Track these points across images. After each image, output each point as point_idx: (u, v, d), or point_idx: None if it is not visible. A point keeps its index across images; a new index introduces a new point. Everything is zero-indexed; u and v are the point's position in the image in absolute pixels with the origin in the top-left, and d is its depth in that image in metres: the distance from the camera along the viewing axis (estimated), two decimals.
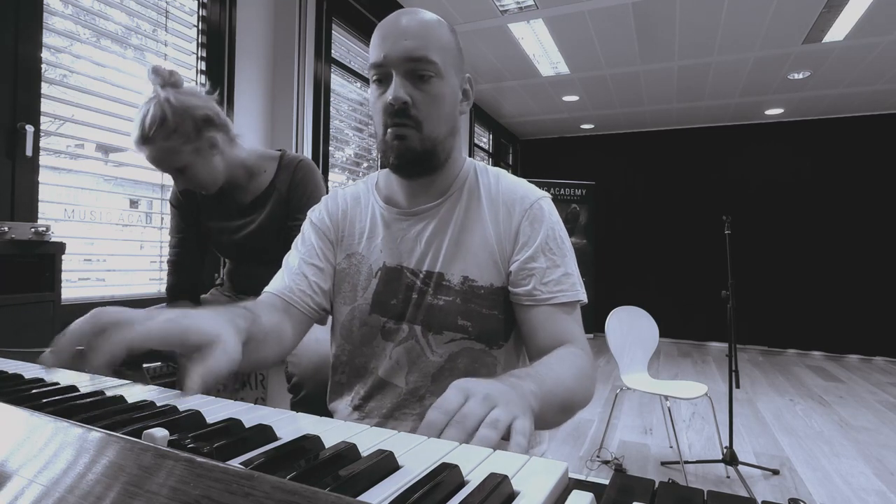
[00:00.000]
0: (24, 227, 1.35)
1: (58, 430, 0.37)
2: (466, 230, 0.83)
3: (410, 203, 0.86)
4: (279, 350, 0.78)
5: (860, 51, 3.98)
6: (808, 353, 5.70)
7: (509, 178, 0.88)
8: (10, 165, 1.57)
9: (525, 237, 0.82)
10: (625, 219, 6.59)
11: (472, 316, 0.81)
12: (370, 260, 0.86)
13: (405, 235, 0.85)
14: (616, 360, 2.71)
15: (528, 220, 0.83)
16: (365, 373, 0.86)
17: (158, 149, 1.24)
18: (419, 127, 0.77)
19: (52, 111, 1.74)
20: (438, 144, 0.79)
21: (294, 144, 2.66)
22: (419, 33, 0.75)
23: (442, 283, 0.82)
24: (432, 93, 0.76)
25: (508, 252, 0.82)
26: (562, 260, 0.82)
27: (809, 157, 5.81)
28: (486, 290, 0.81)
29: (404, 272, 0.84)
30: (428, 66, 0.75)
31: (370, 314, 0.84)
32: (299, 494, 0.27)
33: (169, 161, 1.27)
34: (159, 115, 1.22)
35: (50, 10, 1.68)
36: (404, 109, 0.75)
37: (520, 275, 0.80)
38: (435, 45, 0.76)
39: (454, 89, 0.80)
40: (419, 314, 0.82)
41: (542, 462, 0.38)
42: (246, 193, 1.45)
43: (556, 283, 0.80)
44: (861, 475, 2.46)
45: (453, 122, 0.82)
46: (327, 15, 2.91)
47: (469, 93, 0.85)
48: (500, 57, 4.29)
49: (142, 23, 2.08)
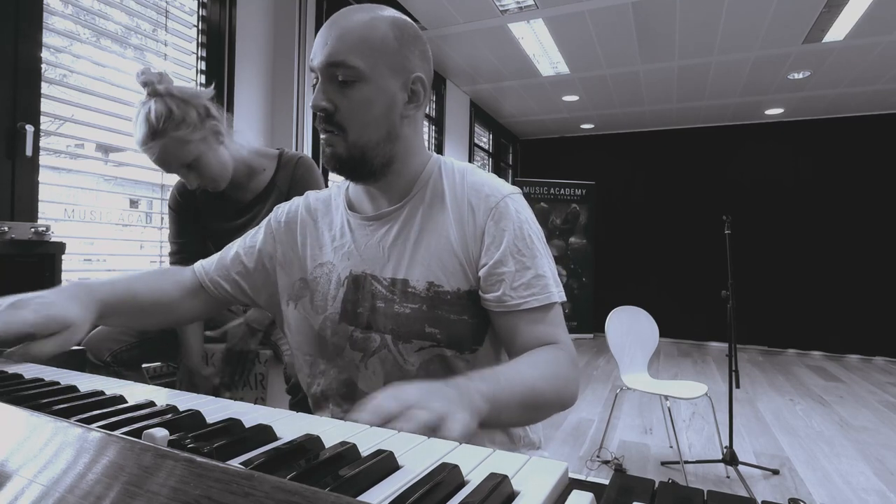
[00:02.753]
0: (24, 227, 1.35)
1: (58, 430, 0.37)
2: (429, 233, 0.80)
3: (373, 207, 0.84)
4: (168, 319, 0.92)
5: (860, 51, 3.98)
6: (808, 353, 5.70)
7: (476, 175, 0.84)
8: (10, 165, 1.57)
9: (490, 237, 0.78)
10: (625, 219, 6.59)
11: (439, 322, 0.77)
12: (339, 268, 0.84)
13: (368, 242, 0.83)
14: (616, 360, 2.71)
15: (493, 219, 0.78)
16: (341, 383, 0.84)
17: (169, 141, 1.23)
18: (344, 133, 0.75)
19: (52, 111, 1.74)
20: (369, 150, 0.76)
21: (294, 144, 2.66)
22: (341, 37, 0.73)
23: (407, 289, 0.79)
24: (356, 98, 0.74)
25: (475, 254, 0.78)
26: (532, 261, 0.78)
27: (809, 157, 5.81)
28: (452, 294, 0.78)
29: (369, 280, 0.82)
30: (348, 71, 0.72)
31: (339, 323, 0.83)
32: (299, 494, 0.27)
33: (180, 155, 1.26)
34: (164, 108, 1.22)
35: (50, 10, 1.68)
36: (327, 116, 0.74)
37: (488, 280, 0.77)
38: (359, 49, 0.72)
39: (387, 93, 0.75)
40: (388, 323, 0.79)
41: (542, 462, 0.38)
42: (246, 192, 1.45)
43: (526, 286, 0.76)
44: (861, 475, 2.46)
45: (388, 127, 0.77)
46: (327, 15, 2.90)
47: (419, 93, 0.79)
48: (500, 57, 4.29)
49: (142, 23, 2.08)
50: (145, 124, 1.22)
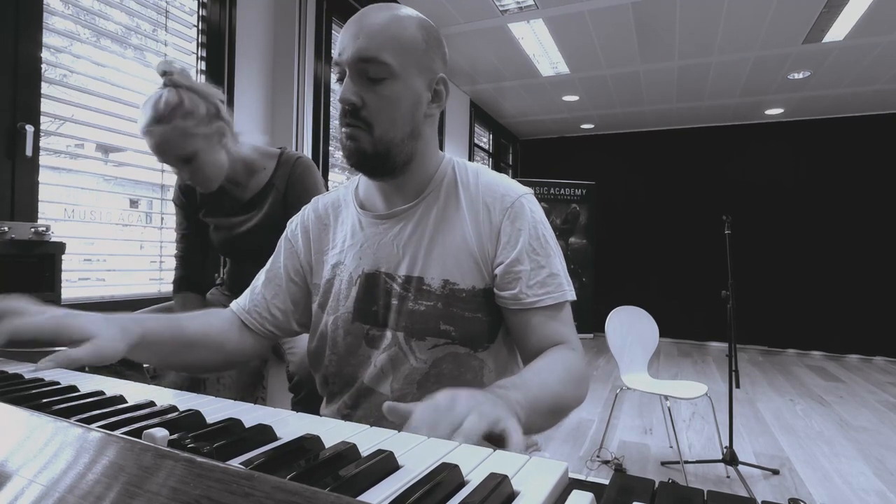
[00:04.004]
0: (24, 227, 1.35)
1: (58, 430, 0.37)
2: (445, 231, 0.81)
3: (386, 206, 0.84)
4: (219, 357, 0.85)
5: (860, 51, 3.98)
6: (808, 353, 5.70)
7: (489, 175, 0.85)
8: (10, 165, 1.57)
9: (507, 237, 0.79)
10: (625, 219, 6.59)
11: (454, 320, 0.78)
12: (350, 268, 0.84)
13: (382, 240, 0.83)
14: (616, 360, 2.71)
15: (509, 219, 0.80)
16: (352, 381, 0.85)
17: (172, 129, 1.23)
18: (370, 129, 0.75)
19: (52, 111, 1.74)
20: (393, 147, 0.76)
21: (294, 144, 2.66)
22: (373, 33, 0.73)
23: (422, 287, 0.80)
24: (384, 95, 0.74)
25: (491, 253, 0.80)
26: (546, 260, 0.80)
27: (809, 157, 5.81)
28: (467, 292, 0.79)
29: (382, 277, 0.82)
30: (379, 67, 0.73)
31: (353, 322, 0.83)
32: (299, 494, 0.27)
33: (179, 146, 1.25)
34: (175, 98, 1.23)
35: (50, 10, 1.68)
36: (354, 111, 0.74)
37: (505, 278, 0.78)
38: (391, 46, 0.73)
39: (414, 91, 0.77)
40: (401, 320, 0.80)
41: (542, 462, 0.38)
42: (245, 191, 1.45)
43: (542, 284, 0.78)
44: (861, 475, 2.46)
45: (413, 125, 0.78)
46: (327, 15, 2.91)
47: (441, 94, 0.81)
48: (500, 57, 4.29)
49: (142, 23, 2.08)
50: (153, 109, 1.22)
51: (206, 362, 0.85)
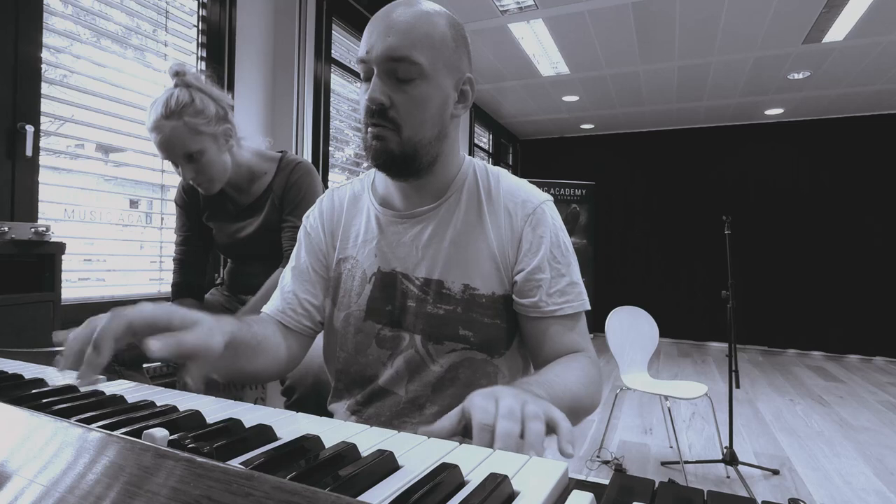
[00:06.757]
0: (24, 227, 1.35)
1: (58, 430, 0.37)
2: (466, 235, 0.80)
3: (406, 205, 0.82)
4: (275, 364, 0.79)
5: (860, 51, 3.98)
6: (808, 353, 5.70)
7: (510, 180, 0.84)
8: (10, 165, 1.57)
9: (528, 244, 0.78)
10: (625, 219, 6.59)
11: (473, 325, 0.78)
12: (364, 265, 0.83)
13: (401, 240, 0.81)
14: (616, 360, 2.71)
15: (530, 225, 0.79)
16: (363, 380, 0.84)
17: (181, 125, 1.24)
18: (398, 129, 0.72)
19: (52, 111, 1.74)
20: (421, 148, 0.74)
21: (294, 144, 2.66)
22: (405, 30, 0.70)
23: (442, 291, 0.79)
24: (414, 95, 0.72)
25: (511, 259, 0.79)
26: (566, 268, 0.80)
27: (809, 157, 5.81)
28: (487, 298, 0.78)
29: (399, 278, 0.81)
30: (410, 67, 0.70)
31: (364, 321, 0.82)
32: (299, 494, 0.27)
33: (186, 142, 1.26)
34: (187, 96, 1.25)
35: (50, 10, 1.68)
36: (382, 111, 0.72)
37: (525, 286, 0.77)
38: (422, 44, 0.70)
39: (443, 91, 0.74)
40: (418, 323, 0.79)
41: (542, 462, 0.38)
42: (246, 196, 1.46)
43: (562, 293, 0.78)
44: (861, 475, 2.46)
45: (440, 126, 0.76)
46: (327, 15, 2.91)
47: (468, 94, 0.78)
48: (500, 57, 4.29)
49: (142, 23, 2.08)
50: (164, 105, 1.23)
51: (269, 369, 0.79)
